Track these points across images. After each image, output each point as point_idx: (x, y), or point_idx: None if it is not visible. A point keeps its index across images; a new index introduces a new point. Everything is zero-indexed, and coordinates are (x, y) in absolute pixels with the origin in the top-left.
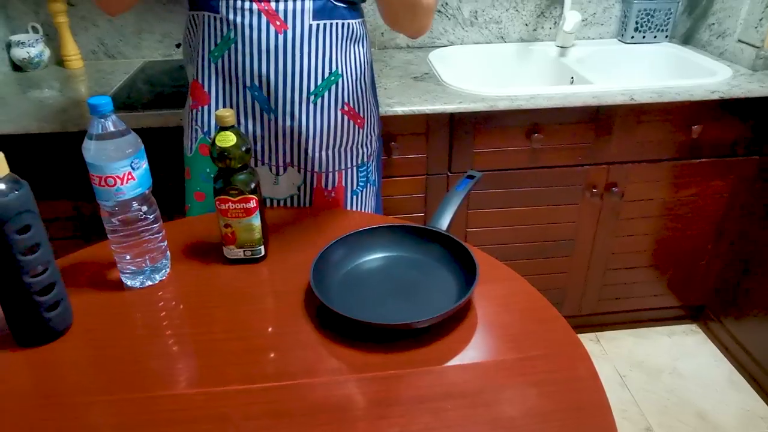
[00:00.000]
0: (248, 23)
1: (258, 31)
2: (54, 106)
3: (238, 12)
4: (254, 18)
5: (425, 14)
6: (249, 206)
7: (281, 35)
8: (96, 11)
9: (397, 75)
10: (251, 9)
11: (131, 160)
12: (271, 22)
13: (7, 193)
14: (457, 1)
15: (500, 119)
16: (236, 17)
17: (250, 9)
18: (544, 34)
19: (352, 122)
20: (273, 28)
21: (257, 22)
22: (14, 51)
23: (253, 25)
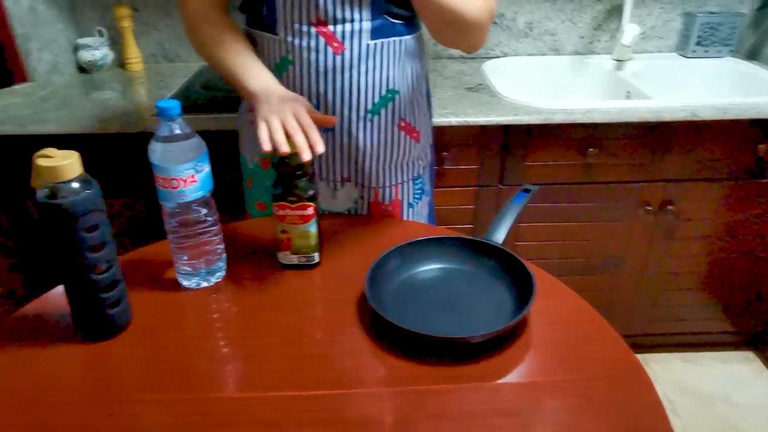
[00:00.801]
0: (306, 45)
1: (316, 53)
2: (115, 107)
3: (296, 34)
4: (312, 40)
5: (472, 32)
6: (306, 213)
7: (338, 56)
8: (158, 16)
9: (450, 85)
10: (309, 32)
11: (195, 163)
12: (329, 43)
13: (79, 192)
14: (512, 12)
15: (555, 132)
16: (294, 39)
17: (308, 32)
18: (600, 47)
19: (408, 136)
20: (330, 50)
21: (315, 44)
22: (81, 54)
23: (311, 47)
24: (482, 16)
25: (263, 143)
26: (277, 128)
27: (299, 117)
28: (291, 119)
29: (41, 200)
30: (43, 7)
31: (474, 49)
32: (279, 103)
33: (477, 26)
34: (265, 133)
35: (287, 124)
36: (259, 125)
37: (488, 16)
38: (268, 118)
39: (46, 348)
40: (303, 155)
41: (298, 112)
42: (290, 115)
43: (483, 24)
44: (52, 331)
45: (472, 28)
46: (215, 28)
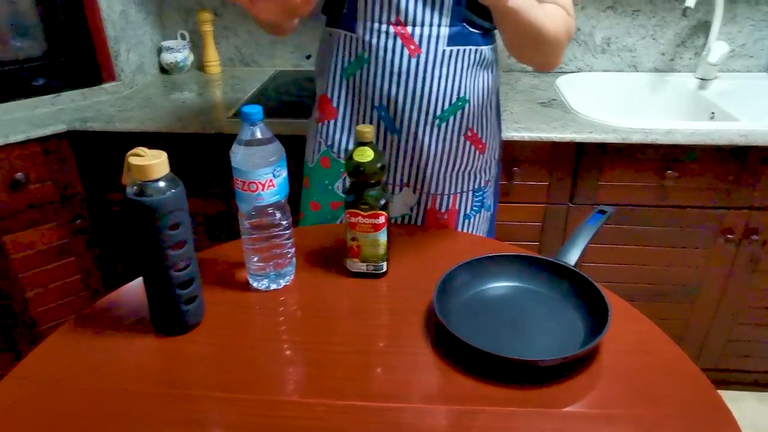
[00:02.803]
0: (383, 45)
1: (392, 54)
2: (192, 108)
3: (374, 34)
4: (389, 40)
5: (549, 50)
6: (378, 222)
7: (414, 59)
8: (238, 21)
9: (523, 99)
10: (387, 32)
11: (274, 168)
12: (406, 45)
13: (165, 191)
14: (590, 27)
15: (631, 152)
16: (372, 38)
17: (387, 32)
18: (682, 64)
19: (474, 147)
20: (407, 52)
21: (392, 44)
22: (164, 55)
23: (387, 47)
24: (561, 35)
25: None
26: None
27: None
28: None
29: (130, 197)
30: (133, 11)
31: (548, 68)
32: None
33: (554, 44)
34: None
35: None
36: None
37: (566, 36)
38: None
39: (121, 339)
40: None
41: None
42: None
43: (560, 43)
44: (127, 323)
45: (550, 45)
46: None
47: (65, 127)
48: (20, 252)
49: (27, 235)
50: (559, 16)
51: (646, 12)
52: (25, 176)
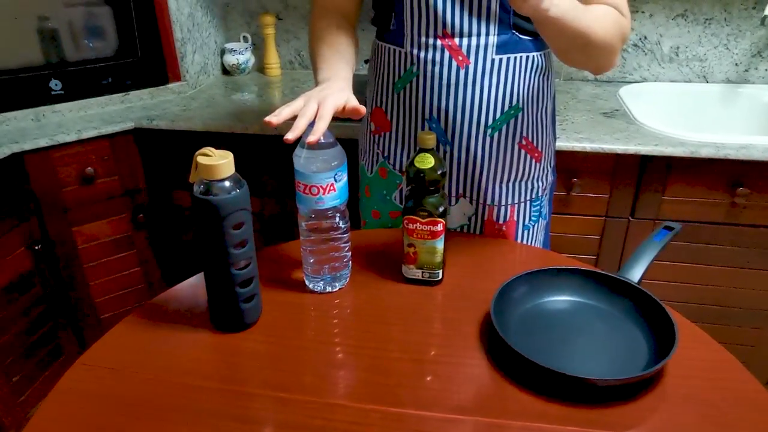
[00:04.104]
0: (431, 58)
1: (440, 66)
2: (252, 109)
3: (422, 48)
4: (437, 53)
5: (602, 55)
6: (436, 229)
7: (463, 70)
8: (300, 25)
9: (584, 109)
10: (435, 45)
11: (335, 172)
12: (454, 57)
13: (230, 191)
14: (657, 35)
15: (700, 167)
16: (420, 52)
17: (434, 45)
18: (757, 75)
19: (529, 156)
20: (455, 63)
21: (440, 57)
22: (226, 57)
23: (435, 60)
24: (611, 38)
25: (272, 116)
26: (290, 104)
27: (322, 104)
28: (312, 104)
29: (197, 195)
30: (200, 14)
31: (601, 71)
32: (317, 90)
33: (605, 49)
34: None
35: (306, 106)
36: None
37: (619, 38)
38: (301, 97)
39: (180, 333)
40: (287, 135)
41: (324, 100)
42: (314, 100)
43: (612, 47)
44: (186, 318)
45: (600, 50)
46: (327, 27)
47: (133, 124)
48: (86, 243)
49: (93, 227)
50: (610, 17)
51: (719, 20)
52: (94, 170)
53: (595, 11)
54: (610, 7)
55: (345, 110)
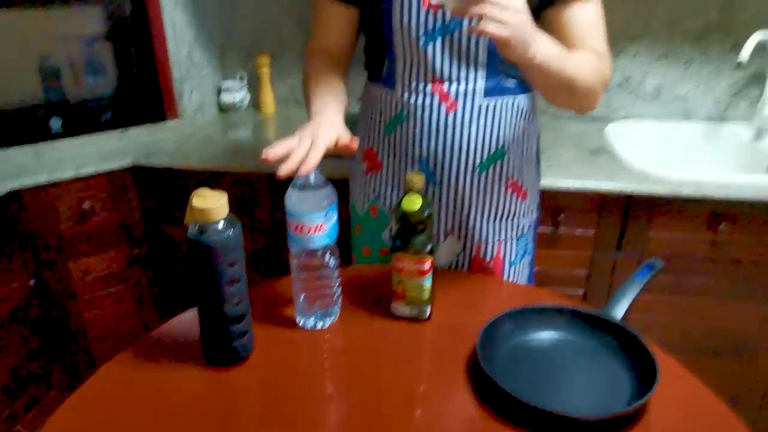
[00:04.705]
0: (421, 103)
1: (430, 110)
2: (247, 147)
3: (412, 92)
4: (427, 98)
5: (584, 97)
6: (423, 268)
7: (451, 114)
8: (294, 64)
9: (571, 146)
10: (425, 90)
11: (326, 212)
12: (443, 101)
13: (225, 231)
14: (641, 74)
15: (682, 204)
16: (410, 97)
17: (424, 90)
18: (737, 114)
19: (515, 195)
20: (444, 107)
21: (429, 101)
22: (223, 95)
23: (425, 105)
24: (593, 81)
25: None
26: (283, 142)
27: (315, 141)
28: (305, 140)
29: (192, 237)
30: (198, 53)
31: (584, 112)
32: (311, 126)
33: (587, 91)
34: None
35: (300, 143)
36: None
37: (601, 82)
38: (294, 135)
39: (173, 368)
40: (279, 170)
41: (317, 137)
42: (307, 136)
43: (594, 89)
44: (179, 353)
45: (582, 92)
46: (320, 68)
47: (131, 161)
48: (81, 277)
49: (88, 261)
50: (592, 62)
51: (699, 61)
52: (92, 206)
53: (578, 56)
54: (592, 52)
55: (337, 145)
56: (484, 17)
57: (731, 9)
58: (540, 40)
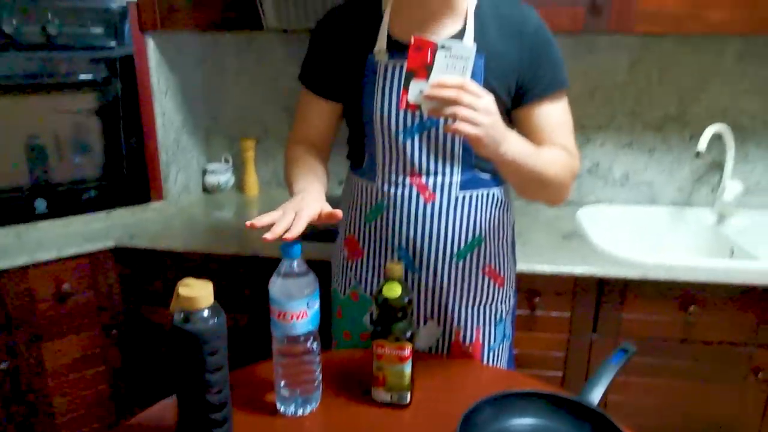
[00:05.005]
0: (400, 194)
1: (408, 201)
2: (231, 228)
3: (392, 184)
4: (406, 190)
5: (554, 191)
6: (403, 354)
7: (429, 204)
8: (278, 148)
9: (545, 231)
10: (404, 182)
11: (308, 299)
12: (421, 193)
13: (209, 320)
14: (609, 161)
15: (653, 287)
16: (390, 188)
17: (403, 182)
18: (699, 199)
19: (493, 281)
20: (422, 198)
21: (408, 193)
22: (207, 177)
23: (404, 196)
24: (562, 176)
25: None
26: (270, 213)
27: (298, 213)
28: (289, 213)
29: (177, 324)
30: (185, 137)
31: (556, 204)
32: (294, 201)
33: (557, 185)
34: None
35: (284, 215)
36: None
37: (570, 176)
38: (279, 208)
39: None
40: (265, 235)
41: (300, 210)
42: (291, 210)
43: (563, 183)
44: None
45: (552, 186)
46: (302, 155)
47: (114, 243)
48: (54, 359)
49: (63, 342)
50: (560, 157)
51: (662, 150)
52: (71, 287)
53: (547, 153)
54: (561, 148)
55: (321, 217)
56: (458, 118)
57: (687, 103)
58: (511, 138)
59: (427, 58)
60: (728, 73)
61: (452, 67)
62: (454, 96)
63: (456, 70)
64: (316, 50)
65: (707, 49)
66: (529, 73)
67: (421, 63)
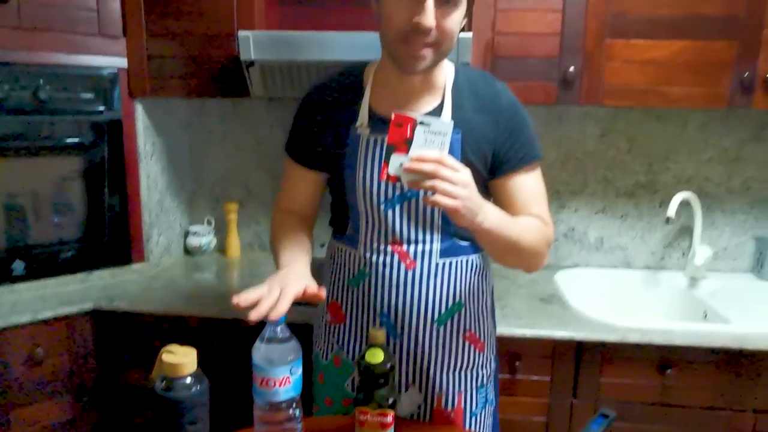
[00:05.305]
0: (382, 261)
1: (390, 269)
2: (212, 291)
3: (374, 252)
4: (387, 257)
5: (530, 258)
6: (386, 421)
7: (410, 272)
8: (261, 211)
9: (524, 294)
10: (386, 250)
11: (291, 366)
12: (402, 260)
13: (191, 387)
14: (584, 226)
15: (630, 351)
16: (372, 256)
17: (385, 250)
18: (672, 263)
19: (473, 346)
20: (403, 266)
21: (390, 260)
22: (190, 239)
23: (386, 263)
24: (537, 244)
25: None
26: (255, 289)
27: (284, 290)
28: (275, 289)
29: (158, 392)
30: (169, 200)
31: (533, 270)
32: (280, 276)
33: (532, 253)
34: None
35: (270, 291)
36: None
37: (545, 244)
38: (264, 283)
39: None
40: (250, 314)
41: (286, 286)
42: (277, 285)
43: (539, 251)
44: None
45: (528, 254)
46: (288, 225)
47: (92, 305)
48: (24, 428)
49: (33, 409)
50: (535, 226)
51: (633, 215)
52: (44, 351)
53: (522, 222)
54: (535, 217)
55: (305, 295)
56: (436, 190)
57: (656, 171)
58: (487, 208)
59: (406, 133)
60: (692, 142)
61: (431, 142)
62: (433, 170)
63: (434, 144)
64: (302, 123)
65: (672, 120)
66: (504, 147)
67: (401, 138)
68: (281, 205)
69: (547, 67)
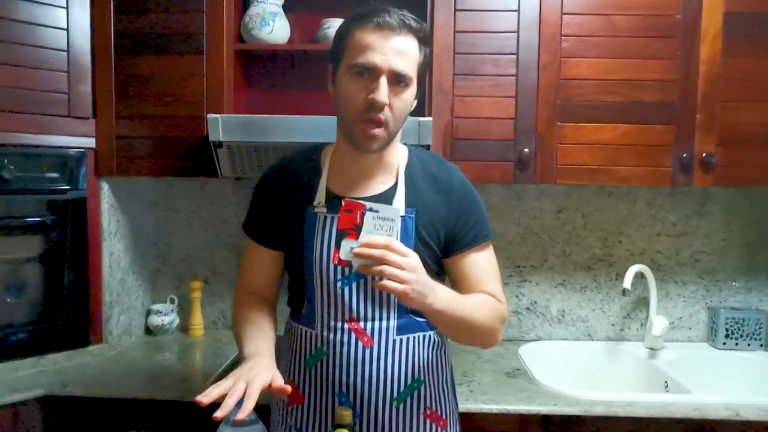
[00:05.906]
0: (339, 340)
1: (347, 347)
2: (173, 373)
3: (331, 330)
4: (344, 335)
5: (484, 336)
6: None
7: (368, 349)
8: (225, 289)
9: (489, 369)
10: (342, 328)
11: None
12: (359, 338)
13: None
14: (545, 300)
15: (596, 423)
16: (329, 334)
17: (342, 328)
18: (631, 334)
19: (435, 424)
20: (361, 344)
21: (347, 338)
22: (151, 318)
23: (343, 342)
24: (491, 322)
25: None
26: (220, 384)
27: (249, 384)
28: (240, 383)
29: None
30: (131, 278)
31: (488, 347)
32: (246, 370)
33: (486, 331)
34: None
35: (235, 386)
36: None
37: (498, 320)
38: (230, 377)
39: None
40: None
41: (251, 380)
42: (243, 380)
43: (492, 328)
44: None
45: (481, 332)
46: (250, 309)
47: (43, 391)
48: None
49: None
50: (487, 303)
51: (592, 288)
52: None
53: (474, 300)
54: (488, 295)
55: (271, 388)
56: (385, 275)
57: (610, 245)
58: (437, 290)
59: (356, 219)
60: (642, 217)
61: (380, 228)
62: (381, 255)
63: (383, 230)
64: (259, 203)
65: (622, 197)
66: (457, 226)
67: (351, 223)
68: (244, 284)
69: (503, 148)
